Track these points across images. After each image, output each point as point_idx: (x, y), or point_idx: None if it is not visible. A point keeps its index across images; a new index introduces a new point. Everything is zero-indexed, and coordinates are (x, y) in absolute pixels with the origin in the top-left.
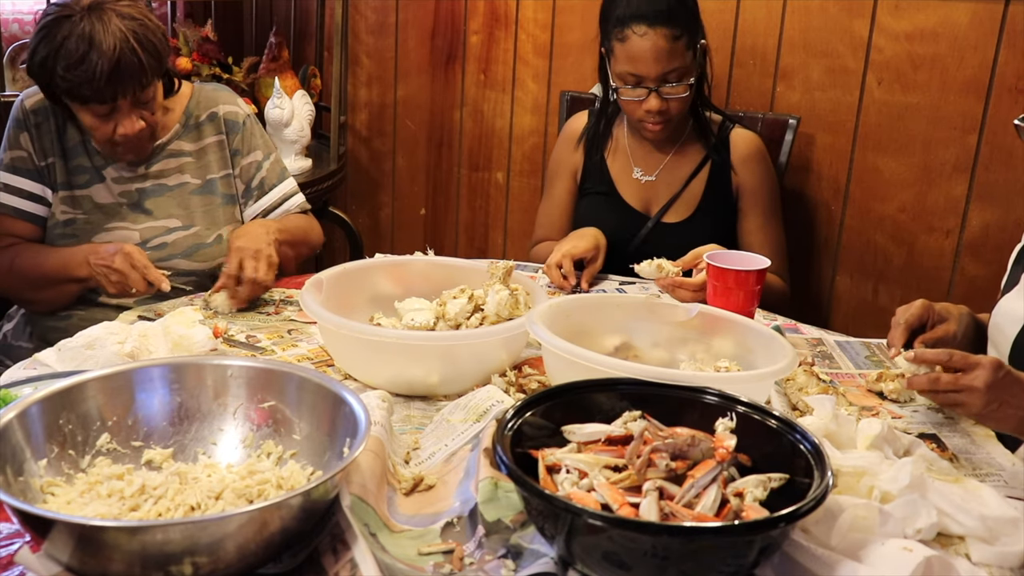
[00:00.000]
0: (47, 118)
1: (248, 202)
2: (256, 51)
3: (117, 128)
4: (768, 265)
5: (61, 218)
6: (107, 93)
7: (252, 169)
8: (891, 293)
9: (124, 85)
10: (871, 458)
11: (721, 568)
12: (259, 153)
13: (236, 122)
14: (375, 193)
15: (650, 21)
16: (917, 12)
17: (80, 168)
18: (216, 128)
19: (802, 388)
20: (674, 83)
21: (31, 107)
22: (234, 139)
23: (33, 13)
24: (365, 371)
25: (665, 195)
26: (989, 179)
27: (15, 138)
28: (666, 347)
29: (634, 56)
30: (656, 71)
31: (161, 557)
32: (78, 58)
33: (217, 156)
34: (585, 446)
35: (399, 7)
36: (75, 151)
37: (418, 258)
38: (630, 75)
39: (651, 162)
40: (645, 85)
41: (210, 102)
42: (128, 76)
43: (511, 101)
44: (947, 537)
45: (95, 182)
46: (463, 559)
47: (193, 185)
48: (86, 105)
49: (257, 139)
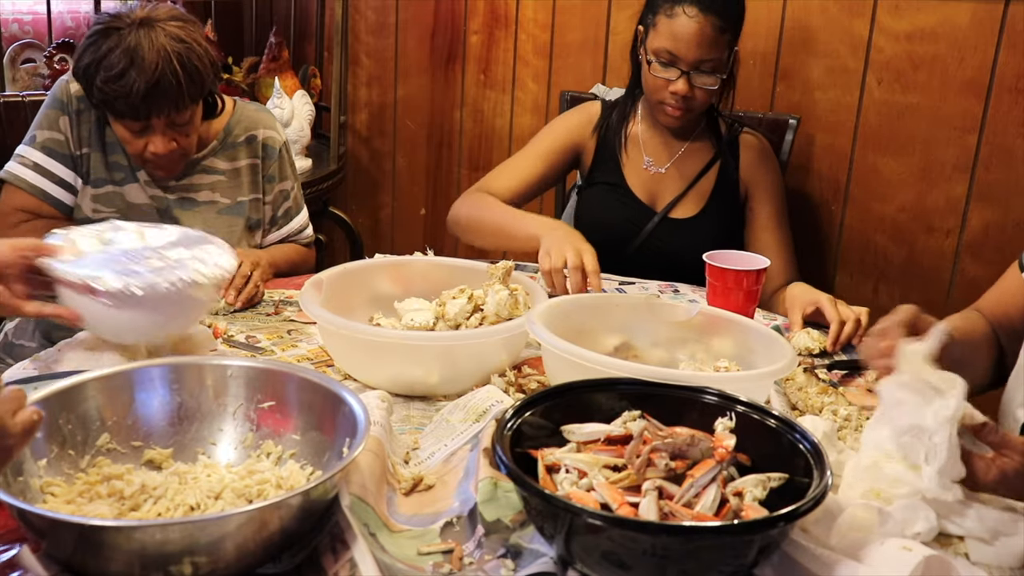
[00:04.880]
0: (89, 108)
1: (272, 229)
2: (256, 51)
3: (148, 146)
4: (768, 265)
5: (92, 216)
6: (141, 111)
7: (281, 198)
8: (891, 293)
9: (159, 106)
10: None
11: (720, 568)
12: (289, 183)
13: (273, 148)
14: (375, 193)
15: (703, 6)
16: (917, 12)
17: (116, 165)
18: (252, 152)
19: (802, 388)
20: (706, 73)
21: (76, 93)
22: (270, 166)
23: (33, 13)
24: (365, 371)
25: (673, 189)
26: (989, 179)
27: (54, 119)
28: (666, 347)
29: (677, 34)
30: (694, 55)
31: (161, 557)
32: (118, 72)
33: (249, 179)
34: (584, 446)
35: (399, 7)
36: (113, 148)
37: (418, 258)
38: (667, 52)
39: (663, 153)
40: (678, 66)
41: (251, 123)
42: (165, 97)
43: (511, 101)
44: (946, 537)
45: (129, 181)
46: (462, 559)
47: (222, 205)
48: (120, 119)
49: (289, 168)
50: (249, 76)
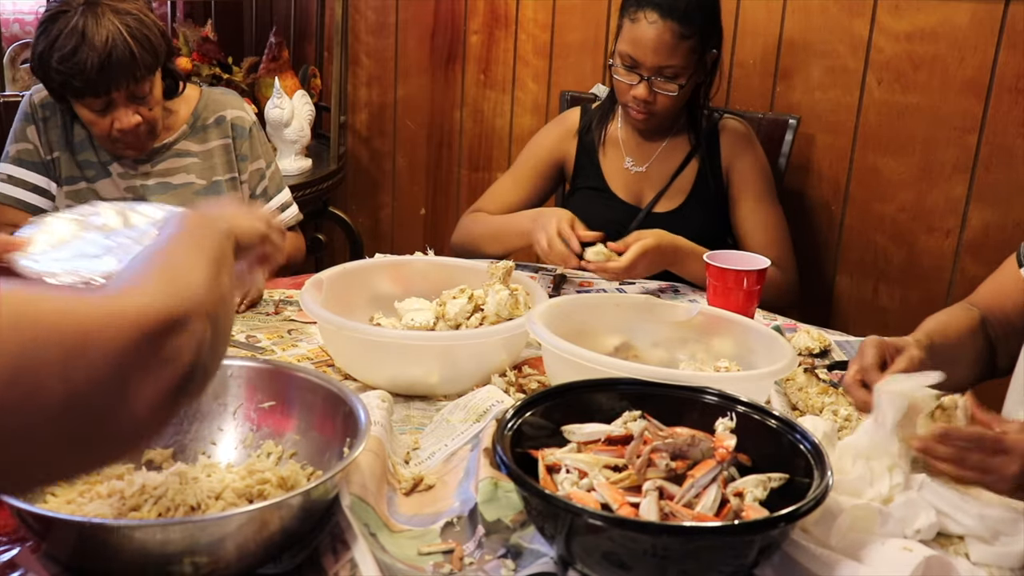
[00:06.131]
0: (54, 113)
1: None
2: (256, 51)
3: (114, 123)
4: (768, 265)
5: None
6: (100, 86)
7: (257, 177)
8: (891, 293)
9: (116, 77)
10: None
11: (721, 568)
12: (262, 161)
13: (243, 128)
14: (375, 193)
15: (663, 12)
16: (917, 12)
17: (87, 163)
18: (223, 132)
19: (802, 388)
20: (667, 79)
21: (39, 101)
22: (241, 145)
23: (34, 13)
24: (365, 371)
25: (656, 186)
26: (989, 179)
27: (22, 131)
28: (666, 347)
29: (637, 39)
30: (652, 61)
31: (161, 557)
32: (70, 51)
33: (223, 159)
34: (585, 446)
35: (399, 7)
36: (82, 146)
37: (418, 258)
38: (628, 56)
39: (642, 153)
40: (639, 71)
41: (218, 106)
42: (120, 68)
43: (511, 101)
44: (947, 537)
45: (101, 177)
46: (463, 559)
47: (198, 185)
48: (81, 99)
49: (261, 147)
50: (249, 76)
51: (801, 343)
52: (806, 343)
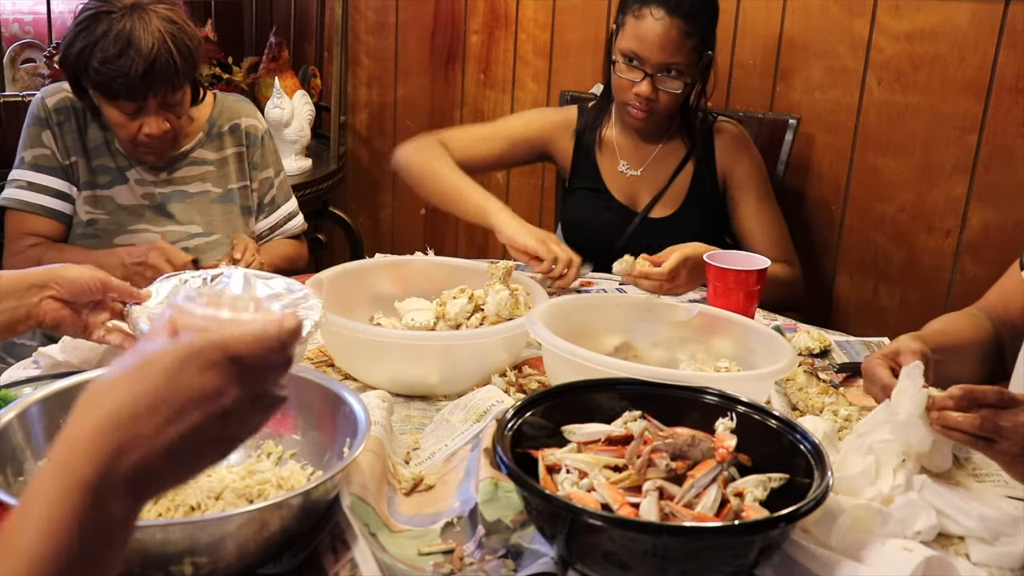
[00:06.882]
0: (69, 117)
1: (260, 216)
2: (256, 51)
3: (143, 128)
4: (768, 265)
5: (84, 218)
6: (139, 91)
7: (266, 185)
8: (891, 293)
9: (156, 85)
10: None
11: (721, 568)
12: (271, 170)
13: (256, 136)
14: (375, 193)
15: (670, 9)
16: (917, 12)
17: (103, 168)
18: (237, 140)
19: (802, 388)
20: (671, 77)
21: (53, 106)
22: (253, 153)
23: (34, 13)
24: (365, 371)
25: (651, 190)
26: (989, 179)
27: (36, 136)
28: (666, 347)
29: (643, 35)
30: (658, 58)
31: (162, 557)
32: (115, 53)
33: (236, 167)
34: (585, 446)
35: (399, 7)
36: (98, 151)
37: (418, 258)
38: (632, 53)
39: (637, 156)
40: (643, 68)
41: (233, 113)
42: (162, 77)
43: (511, 101)
44: (947, 537)
45: (118, 183)
46: (463, 559)
47: (214, 194)
48: (115, 101)
49: (272, 156)
50: (249, 76)
51: (801, 343)
52: (806, 343)
